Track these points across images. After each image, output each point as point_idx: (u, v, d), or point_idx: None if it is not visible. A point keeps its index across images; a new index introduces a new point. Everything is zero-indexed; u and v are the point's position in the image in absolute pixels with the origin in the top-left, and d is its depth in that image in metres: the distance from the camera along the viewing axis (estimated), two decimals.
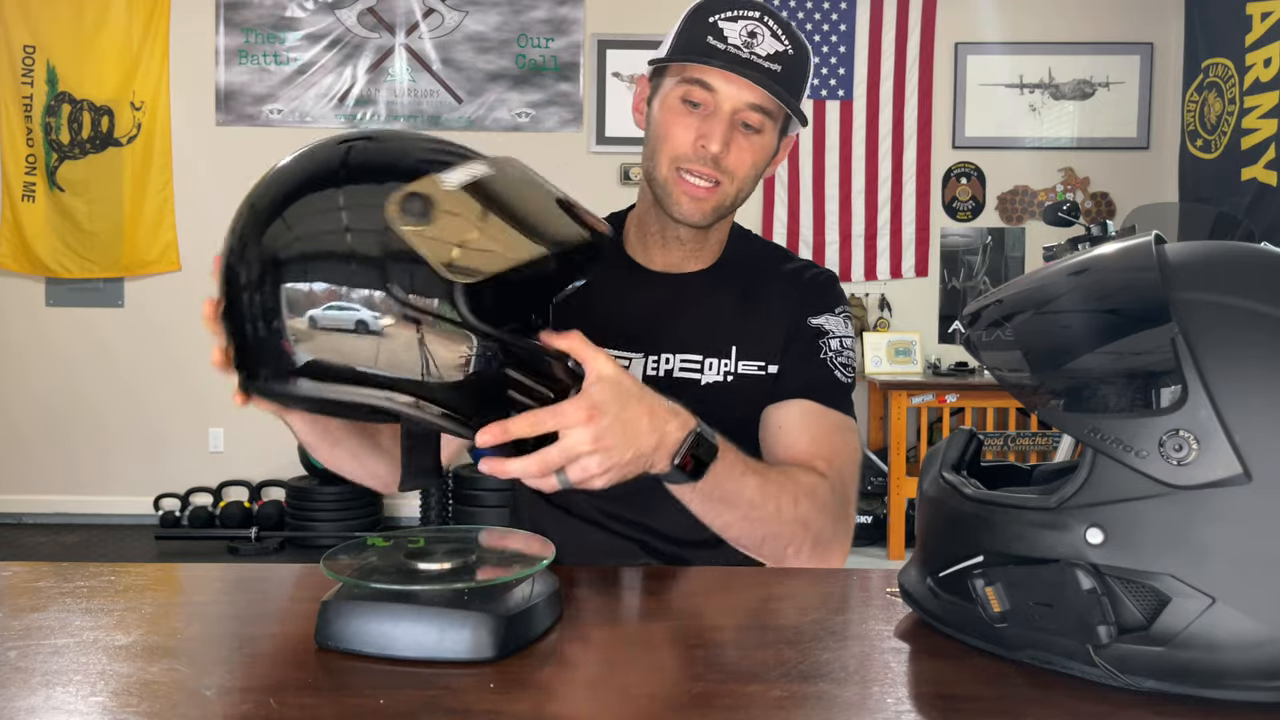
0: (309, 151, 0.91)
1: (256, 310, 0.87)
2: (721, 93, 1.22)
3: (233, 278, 0.89)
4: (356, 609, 0.77)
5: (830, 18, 5.06)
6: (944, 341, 5.12)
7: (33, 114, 5.05)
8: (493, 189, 0.86)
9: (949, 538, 0.80)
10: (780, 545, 1.14)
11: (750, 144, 1.25)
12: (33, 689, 0.71)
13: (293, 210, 0.87)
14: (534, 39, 5.12)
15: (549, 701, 0.69)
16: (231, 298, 0.89)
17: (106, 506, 5.13)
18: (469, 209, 0.83)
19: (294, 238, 0.86)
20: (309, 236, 0.86)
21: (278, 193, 0.88)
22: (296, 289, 0.85)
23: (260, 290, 0.87)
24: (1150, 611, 0.69)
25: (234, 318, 0.90)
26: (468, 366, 0.86)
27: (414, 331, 0.84)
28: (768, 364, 1.32)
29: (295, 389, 0.87)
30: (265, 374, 0.89)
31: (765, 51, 1.22)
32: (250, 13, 5.10)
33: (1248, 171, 4.29)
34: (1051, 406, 0.74)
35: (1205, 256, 0.75)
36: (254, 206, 0.89)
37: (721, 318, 1.33)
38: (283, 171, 0.90)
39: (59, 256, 5.05)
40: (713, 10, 1.24)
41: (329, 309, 0.84)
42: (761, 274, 1.36)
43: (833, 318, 1.34)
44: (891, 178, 5.11)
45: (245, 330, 0.89)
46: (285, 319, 0.85)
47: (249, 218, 0.89)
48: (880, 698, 0.70)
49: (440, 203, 0.82)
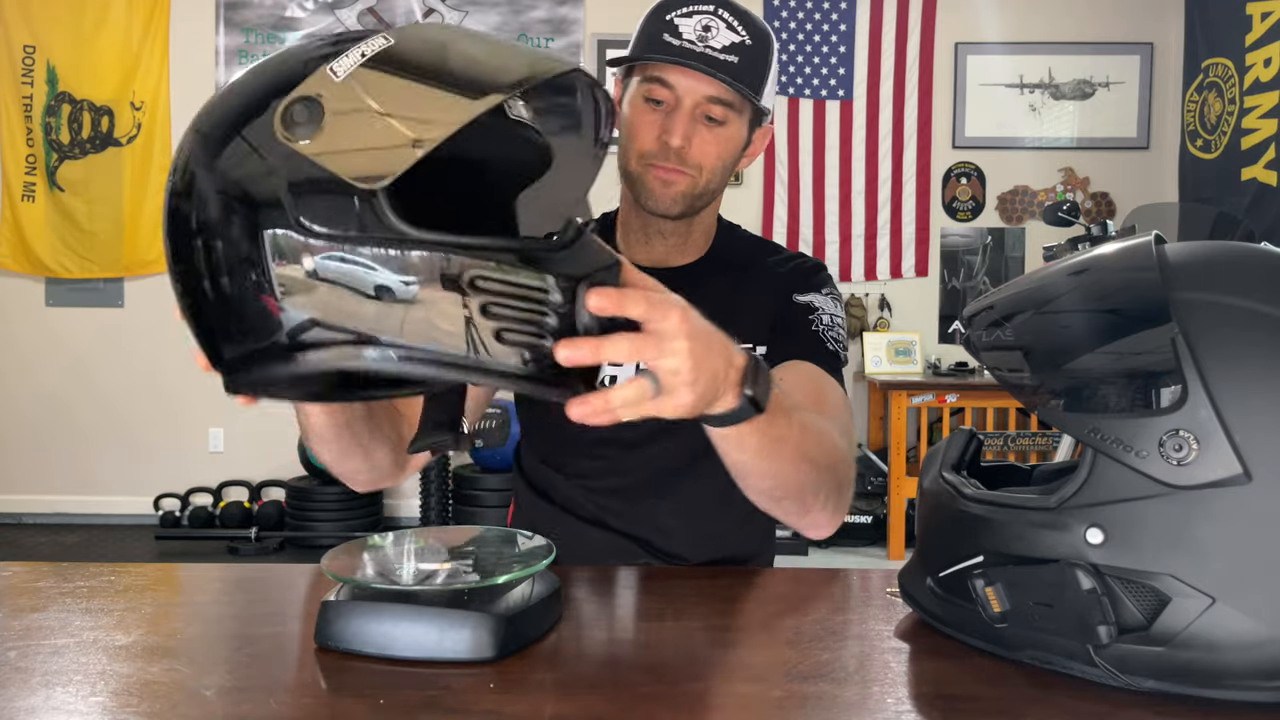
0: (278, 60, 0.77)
1: (222, 263, 0.73)
2: (680, 88, 1.24)
3: (182, 226, 0.74)
4: (356, 609, 0.77)
5: (830, 18, 5.06)
6: (944, 341, 5.12)
7: (33, 114, 5.05)
8: (399, 58, 0.71)
9: (949, 538, 0.80)
10: (809, 492, 1.06)
11: (715, 136, 1.26)
12: (33, 689, 0.71)
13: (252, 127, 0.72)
14: (534, 39, 5.12)
15: (549, 701, 0.69)
16: (185, 258, 0.75)
17: (106, 506, 5.12)
18: (374, 92, 0.69)
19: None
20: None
21: (238, 104, 0.74)
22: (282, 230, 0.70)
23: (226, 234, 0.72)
24: (1150, 611, 0.69)
25: (190, 284, 0.75)
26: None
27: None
28: (755, 345, 1.32)
29: (298, 367, 0.72)
30: (249, 354, 0.73)
31: (720, 44, 1.23)
32: (250, 13, 5.10)
33: (1248, 171, 4.29)
34: (1051, 406, 0.74)
35: (1205, 256, 0.75)
36: (199, 131, 0.75)
37: (711, 307, 1.32)
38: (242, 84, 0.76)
39: (59, 256, 5.05)
40: (670, 7, 1.26)
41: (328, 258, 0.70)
42: (749, 264, 1.38)
43: (820, 296, 1.34)
44: (891, 178, 5.10)
45: (208, 297, 0.74)
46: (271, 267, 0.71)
47: (196, 143, 0.74)
48: (880, 698, 0.70)
49: (331, 101, 0.69)
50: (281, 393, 0.79)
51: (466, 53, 0.75)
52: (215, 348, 0.76)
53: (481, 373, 0.72)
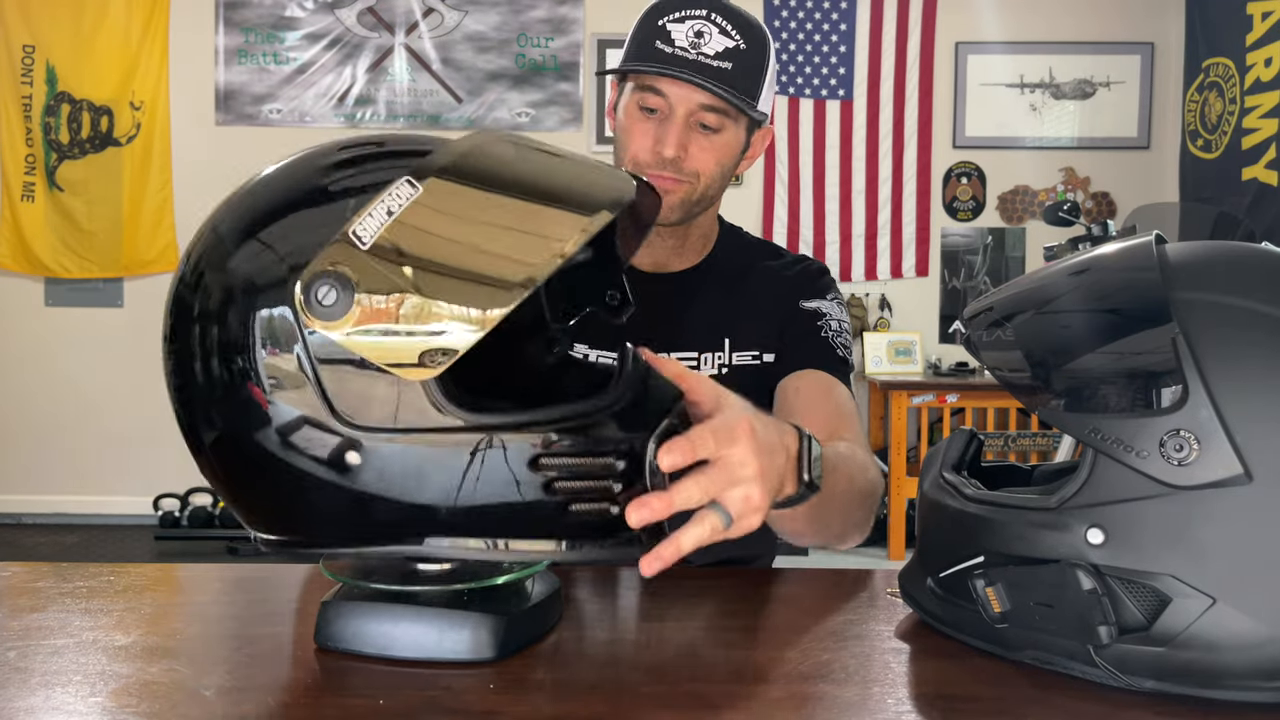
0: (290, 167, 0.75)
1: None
2: (673, 97, 1.22)
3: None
4: (356, 609, 0.77)
5: (830, 17, 5.06)
6: (944, 341, 5.12)
7: (32, 114, 5.05)
8: (430, 219, 0.66)
9: (949, 538, 0.80)
10: (848, 527, 1.12)
11: (711, 143, 1.25)
12: (32, 689, 0.71)
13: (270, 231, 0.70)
14: (534, 38, 5.11)
15: (549, 701, 0.69)
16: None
17: (106, 506, 5.12)
18: (407, 267, 0.63)
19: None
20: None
21: (256, 209, 0.73)
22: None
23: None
24: (1151, 612, 0.69)
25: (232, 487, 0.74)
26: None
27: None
28: (762, 353, 1.32)
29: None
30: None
31: (714, 50, 1.21)
32: (250, 12, 5.09)
33: (1248, 171, 4.29)
34: (1052, 406, 0.74)
35: (1206, 256, 0.75)
36: (217, 229, 0.74)
37: (713, 312, 1.34)
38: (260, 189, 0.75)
39: (58, 256, 5.05)
40: (663, 12, 1.24)
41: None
42: (750, 267, 1.37)
43: (826, 302, 1.35)
44: (892, 177, 5.10)
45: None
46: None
47: (212, 240, 0.73)
48: (880, 698, 0.70)
49: (360, 275, 0.64)
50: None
51: (505, 218, 0.67)
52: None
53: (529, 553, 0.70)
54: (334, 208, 0.68)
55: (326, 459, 0.68)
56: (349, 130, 5.08)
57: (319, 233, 0.67)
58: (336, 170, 0.72)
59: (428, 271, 0.64)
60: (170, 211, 5.09)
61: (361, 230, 0.65)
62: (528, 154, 0.73)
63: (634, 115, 1.26)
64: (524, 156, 0.73)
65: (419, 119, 5.11)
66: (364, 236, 0.65)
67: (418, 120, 5.11)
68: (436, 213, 0.66)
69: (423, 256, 0.65)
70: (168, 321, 0.76)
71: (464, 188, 0.68)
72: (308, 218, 0.70)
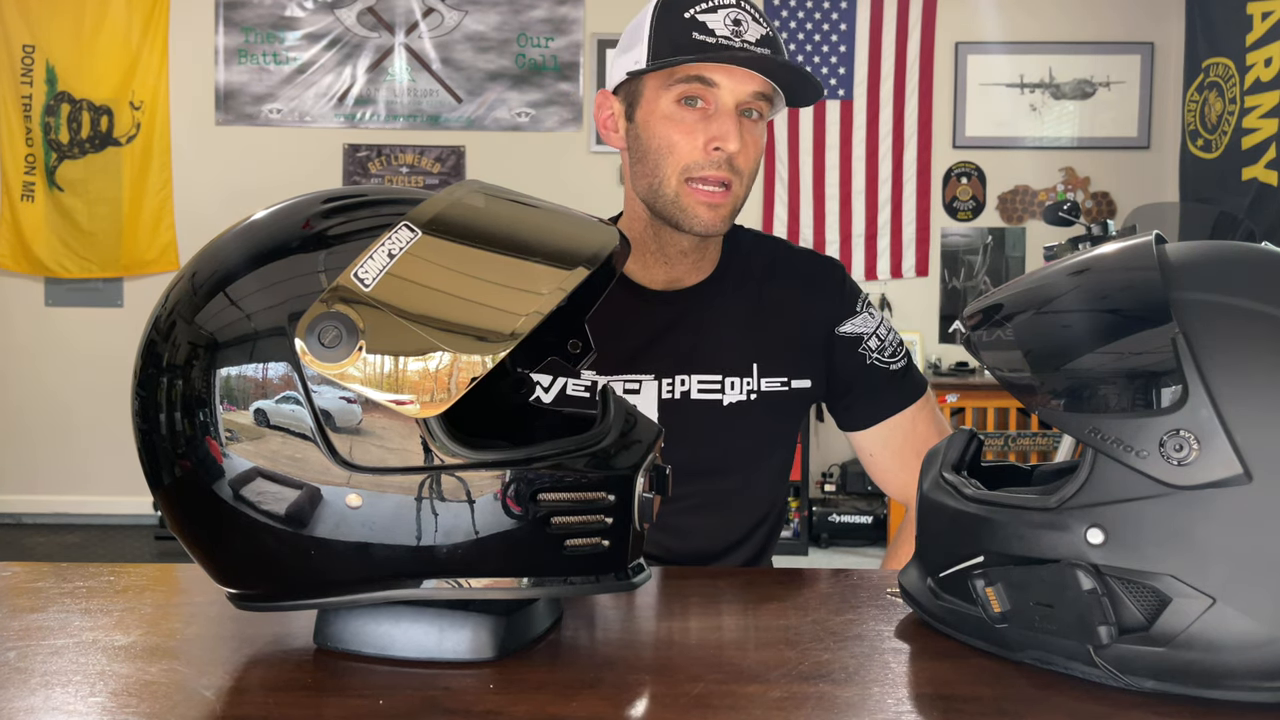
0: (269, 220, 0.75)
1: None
2: (724, 87, 1.16)
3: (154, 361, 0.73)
4: (356, 609, 0.77)
5: (830, 17, 5.06)
6: (944, 341, 5.12)
7: (32, 114, 5.05)
8: (431, 260, 0.68)
9: (949, 538, 0.80)
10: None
11: (754, 136, 1.21)
12: (32, 689, 0.71)
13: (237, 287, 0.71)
14: (534, 38, 5.12)
15: (549, 701, 0.69)
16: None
17: (106, 506, 5.12)
18: (409, 306, 0.65)
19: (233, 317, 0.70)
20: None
21: (226, 263, 0.73)
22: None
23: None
24: (1151, 612, 0.69)
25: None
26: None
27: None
28: (791, 379, 1.28)
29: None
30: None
31: (754, 36, 1.17)
32: (250, 12, 5.09)
33: (1248, 171, 4.29)
34: (1052, 406, 0.74)
35: (1206, 256, 0.75)
36: (194, 277, 0.74)
37: (736, 333, 1.28)
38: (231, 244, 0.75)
39: (58, 256, 5.05)
40: (684, 6, 1.17)
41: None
42: (766, 276, 1.32)
43: (857, 318, 1.31)
44: (892, 177, 5.10)
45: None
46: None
47: (186, 290, 0.74)
48: (880, 698, 0.70)
49: (363, 317, 0.65)
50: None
51: (499, 263, 0.69)
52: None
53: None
54: (333, 252, 0.70)
55: (327, 499, 0.69)
56: (349, 130, 5.09)
57: (314, 278, 0.69)
58: (326, 219, 0.74)
59: (427, 314, 0.66)
60: (170, 211, 5.09)
61: (364, 273, 0.66)
62: (513, 209, 0.76)
63: (673, 115, 1.18)
64: (509, 211, 0.76)
65: (419, 119, 5.12)
66: (366, 279, 0.66)
67: (418, 120, 5.12)
68: (428, 262, 0.68)
69: (422, 300, 0.67)
70: (139, 366, 0.76)
71: (467, 220, 0.72)
72: (300, 263, 0.71)
